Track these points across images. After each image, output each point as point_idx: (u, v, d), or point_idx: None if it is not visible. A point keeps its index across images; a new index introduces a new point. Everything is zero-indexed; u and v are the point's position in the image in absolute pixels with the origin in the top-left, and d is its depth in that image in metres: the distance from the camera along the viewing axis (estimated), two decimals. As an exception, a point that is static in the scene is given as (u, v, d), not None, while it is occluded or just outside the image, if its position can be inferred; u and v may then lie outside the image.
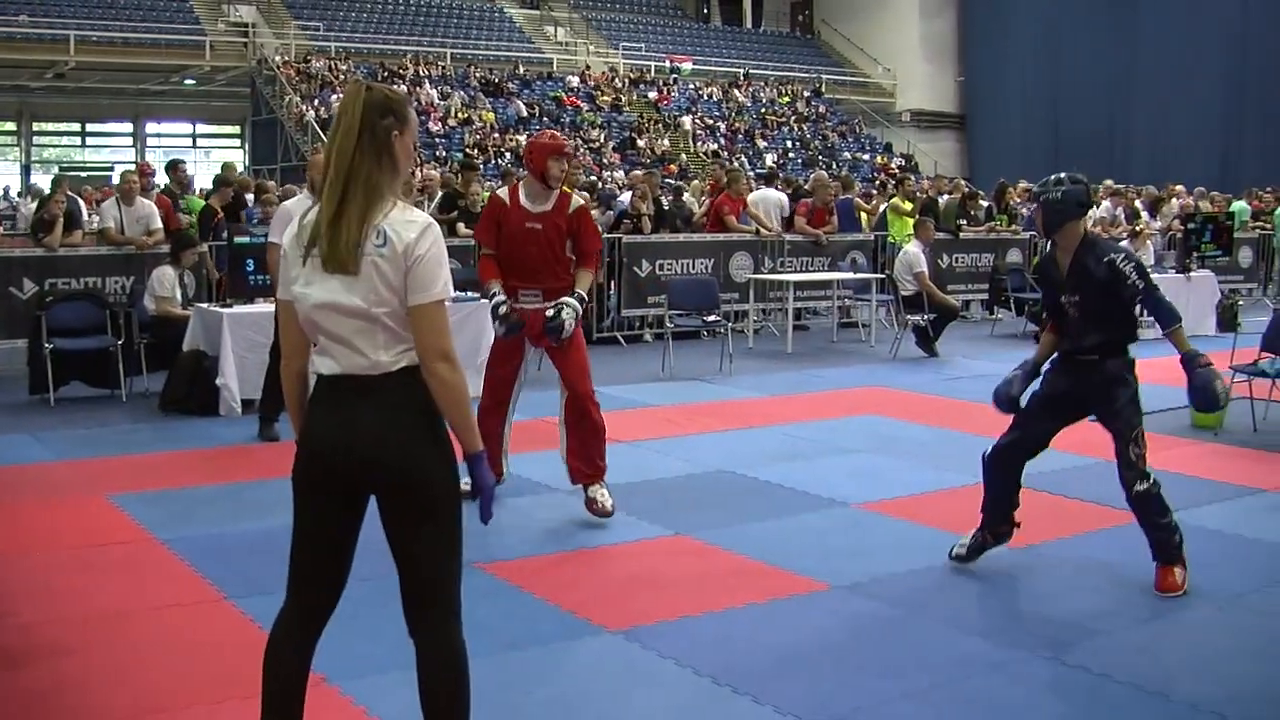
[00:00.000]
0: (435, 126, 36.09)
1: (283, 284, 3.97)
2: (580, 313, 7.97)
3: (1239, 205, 25.93)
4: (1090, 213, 8.28)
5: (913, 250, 16.46)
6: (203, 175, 29.62)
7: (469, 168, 17.93)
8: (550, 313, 7.86)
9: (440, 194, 17.03)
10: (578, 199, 8.15)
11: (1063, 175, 6.94)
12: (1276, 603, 6.64)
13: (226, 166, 17.42)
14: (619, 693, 5.35)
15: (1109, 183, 24.98)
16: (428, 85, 38.11)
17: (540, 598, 6.43)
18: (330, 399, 3.90)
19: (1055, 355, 7.12)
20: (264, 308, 11.22)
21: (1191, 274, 18.24)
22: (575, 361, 8.05)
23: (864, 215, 21.29)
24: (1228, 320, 17.69)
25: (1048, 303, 7.20)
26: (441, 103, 37.61)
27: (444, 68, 40.24)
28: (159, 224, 13.78)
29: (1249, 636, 6.17)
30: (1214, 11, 41.71)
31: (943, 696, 5.34)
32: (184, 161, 18.24)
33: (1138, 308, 6.91)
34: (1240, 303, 20.04)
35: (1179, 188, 26.60)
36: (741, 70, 47.72)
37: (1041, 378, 7.15)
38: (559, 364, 8.11)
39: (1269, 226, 24.66)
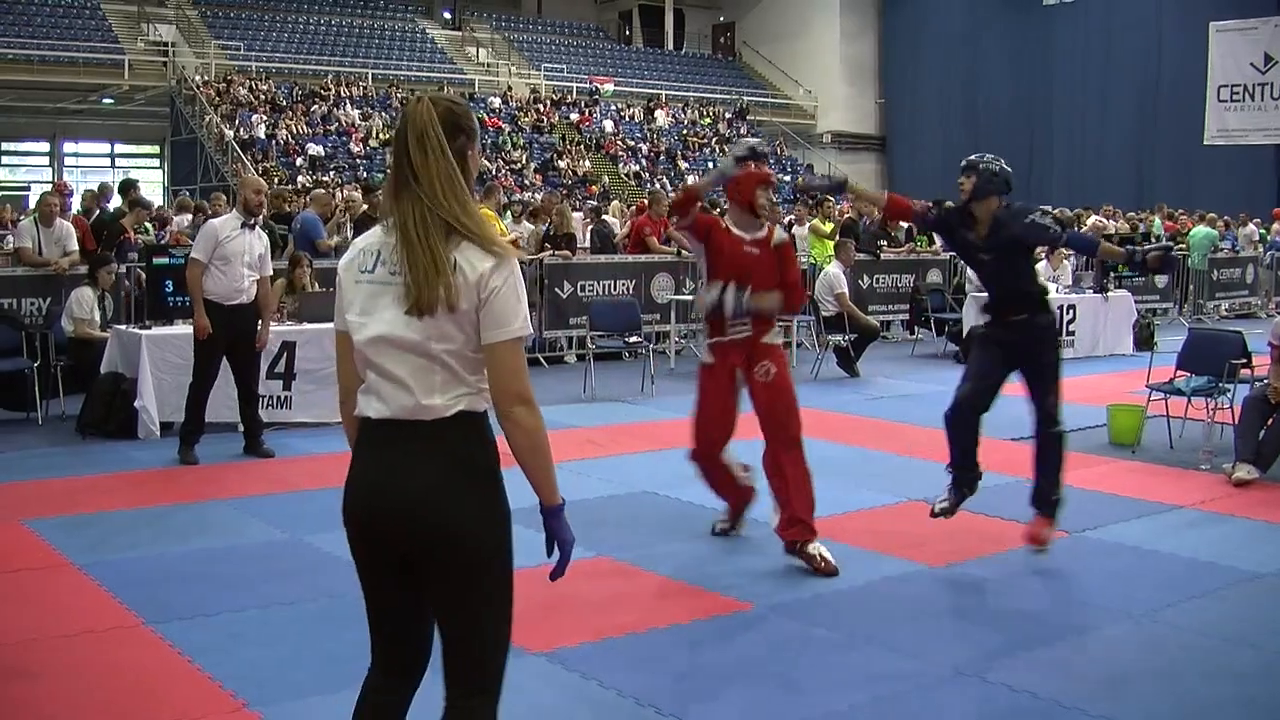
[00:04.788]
0: (356, 148, 35.98)
1: (339, 313, 3.63)
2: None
3: (1156, 221, 26.39)
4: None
5: (833, 271, 16.56)
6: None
7: (370, 190, 17.80)
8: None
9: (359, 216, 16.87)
10: (780, 232, 8.05)
11: (998, 157, 7.56)
12: (1193, 618, 6.71)
13: (130, 184, 17.05)
14: (542, 715, 5.33)
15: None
16: (349, 106, 38.01)
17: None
18: (373, 446, 3.56)
19: (989, 322, 7.90)
20: (182, 329, 11.11)
21: (1109, 294, 18.45)
22: (781, 398, 7.81)
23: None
24: (1144, 340, 17.92)
25: (956, 248, 8.08)
26: (363, 123, 37.49)
27: (365, 88, 40.10)
28: (75, 245, 13.61)
29: (1166, 652, 6.23)
30: (1128, 36, 42.36)
31: (865, 716, 5.36)
32: (138, 182, 18.04)
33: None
34: (1157, 322, 20.33)
35: (1109, 208, 27.01)
36: (662, 92, 47.80)
37: (982, 335, 7.98)
38: (759, 400, 7.84)
39: (1184, 247, 24.97)
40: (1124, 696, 5.58)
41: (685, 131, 45.43)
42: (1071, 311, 17.92)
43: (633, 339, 15.27)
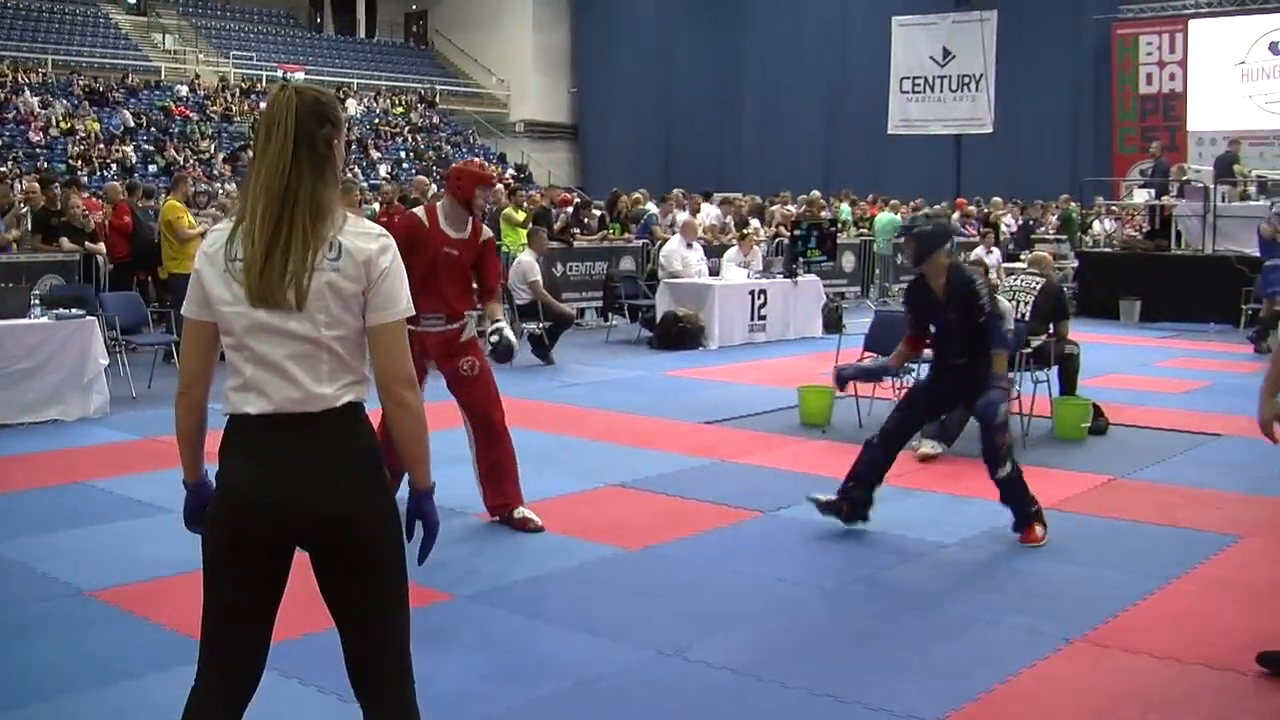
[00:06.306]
0: (36, 136, 34.67)
1: (195, 301, 3.46)
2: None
3: (844, 207, 27.25)
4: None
5: (526, 259, 16.57)
6: None
7: (48, 182, 17.21)
8: (494, 339, 7.87)
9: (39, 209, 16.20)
10: (487, 230, 8.18)
11: (928, 212, 7.92)
12: (884, 589, 6.99)
13: None
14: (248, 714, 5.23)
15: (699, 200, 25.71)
16: (28, 93, 36.56)
17: (156, 623, 6.24)
18: (257, 443, 3.40)
19: (932, 365, 8.17)
20: None
21: (798, 279, 18.88)
22: (485, 390, 8.09)
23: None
24: (833, 322, 18.42)
25: (918, 321, 8.10)
26: (43, 111, 36.12)
27: (45, 74, 38.64)
28: None
29: (858, 620, 6.47)
30: (817, 28, 43.96)
31: (571, 701, 5.39)
32: None
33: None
34: (844, 305, 20.90)
35: (785, 194, 27.72)
36: (354, 81, 47.26)
37: (927, 379, 8.25)
38: (464, 393, 8.09)
39: (870, 233, 25.77)
40: (819, 665, 5.75)
41: (377, 120, 45.01)
42: (762, 296, 18.31)
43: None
